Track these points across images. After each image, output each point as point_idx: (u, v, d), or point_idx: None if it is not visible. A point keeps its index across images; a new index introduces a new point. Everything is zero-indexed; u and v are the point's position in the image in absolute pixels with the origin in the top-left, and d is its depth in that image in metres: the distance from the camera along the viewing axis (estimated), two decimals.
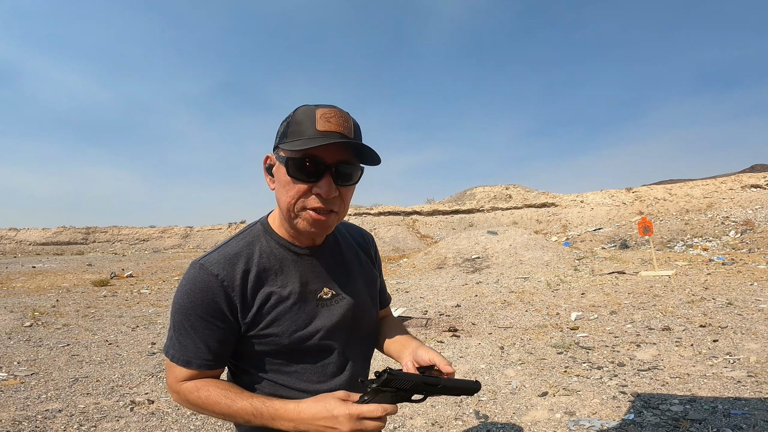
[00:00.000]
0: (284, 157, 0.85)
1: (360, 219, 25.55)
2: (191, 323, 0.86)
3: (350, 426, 0.75)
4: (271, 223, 0.96)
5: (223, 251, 0.90)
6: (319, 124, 0.83)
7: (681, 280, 7.80)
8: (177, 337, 0.88)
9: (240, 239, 0.94)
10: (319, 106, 0.85)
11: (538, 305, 6.64)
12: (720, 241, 14.99)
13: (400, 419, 3.01)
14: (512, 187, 31.64)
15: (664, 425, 2.69)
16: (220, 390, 0.86)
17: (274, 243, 0.94)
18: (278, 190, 0.89)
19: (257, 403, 0.82)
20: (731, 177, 23.14)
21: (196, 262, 0.88)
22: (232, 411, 0.83)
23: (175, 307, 0.87)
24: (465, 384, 0.88)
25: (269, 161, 0.92)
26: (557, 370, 3.79)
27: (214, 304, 0.85)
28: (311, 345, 0.91)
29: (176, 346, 0.88)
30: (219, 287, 0.85)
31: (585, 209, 24.74)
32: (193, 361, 0.87)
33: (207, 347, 0.87)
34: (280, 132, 0.88)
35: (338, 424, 0.75)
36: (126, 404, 3.33)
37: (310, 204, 0.86)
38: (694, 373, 3.53)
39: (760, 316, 5.01)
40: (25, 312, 7.03)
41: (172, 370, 0.89)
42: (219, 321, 0.86)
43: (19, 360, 4.46)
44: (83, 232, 34.67)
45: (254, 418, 0.82)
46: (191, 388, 0.87)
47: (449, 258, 12.40)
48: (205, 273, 0.86)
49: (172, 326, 0.89)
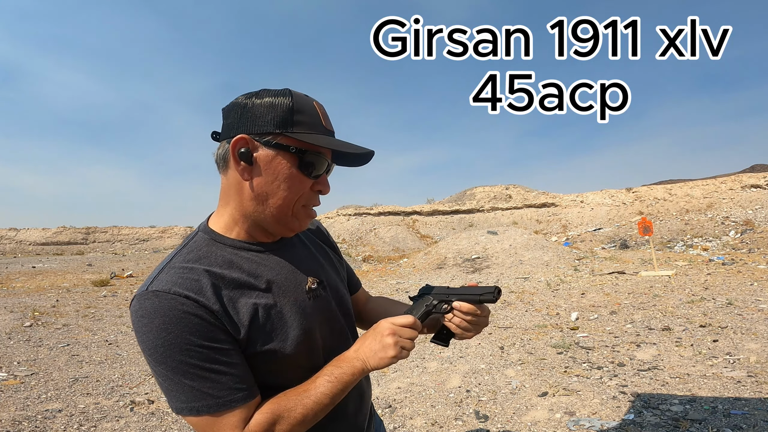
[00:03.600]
0: (299, 149, 0.76)
1: (360, 219, 25.53)
2: (198, 357, 0.67)
3: (390, 337, 0.78)
4: (216, 230, 0.81)
5: (173, 273, 0.71)
6: (323, 120, 0.80)
7: (681, 280, 7.80)
8: (189, 384, 0.67)
9: (186, 254, 0.76)
10: (309, 97, 0.81)
11: (538, 305, 6.64)
12: (720, 241, 14.99)
13: (400, 419, 3.01)
14: (512, 187, 31.64)
15: (664, 425, 2.69)
16: (285, 397, 0.74)
17: (229, 249, 0.79)
18: (270, 184, 0.76)
19: (324, 371, 0.79)
20: (731, 177, 23.13)
21: (144, 293, 0.69)
22: (315, 397, 0.74)
23: (159, 351, 0.66)
24: (484, 290, 0.89)
25: (246, 145, 0.75)
26: (557, 370, 3.79)
27: (201, 325, 0.68)
28: (315, 340, 0.84)
29: (197, 395, 0.67)
30: (197, 308, 0.68)
31: (585, 209, 24.74)
32: (233, 396, 0.69)
33: (240, 369, 0.71)
34: (275, 118, 0.75)
35: (383, 338, 0.78)
36: (126, 404, 3.33)
37: (312, 201, 0.83)
38: (694, 373, 3.53)
39: (760, 316, 5.01)
40: (25, 312, 7.03)
41: (221, 425, 0.68)
42: (220, 341, 0.70)
43: (19, 360, 4.46)
44: (83, 232, 34.66)
45: (333, 385, 0.76)
46: (269, 420, 0.71)
47: (449, 258, 12.40)
48: (169, 298, 0.67)
49: (173, 374, 0.67)
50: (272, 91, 0.78)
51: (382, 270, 13.13)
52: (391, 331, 0.79)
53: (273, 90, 0.78)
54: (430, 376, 3.83)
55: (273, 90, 0.78)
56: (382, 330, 0.80)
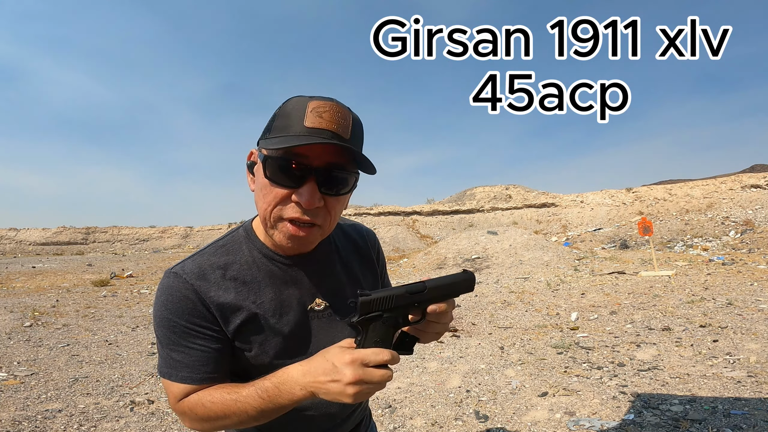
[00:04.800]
0: (262, 156, 0.75)
1: (360, 219, 25.55)
2: (178, 334, 0.78)
3: (353, 374, 0.64)
4: (255, 229, 0.87)
5: (198, 260, 0.82)
6: (308, 119, 0.70)
7: (681, 280, 7.80)
8: (168, 353, 0.79)
9: (218, 246, 0.85)
10: (313, 98, 0.73)
11: (538, 305, 6.64)
12: (720, 241, 14.99)
13: (400, 419, 3.01)
14: (512, 188, 31.65)
15: (664, 425, 2.69)
16: (220, 390, 0.78)
17: (256, 252, 0.84)
18: (256, 193, 0.79)
19: (261, 384, 0.73)
20: (731, 177, 23.15)
21: (169, 271, 0.81)
22: (240, 404, 0.73)
23: (157, 321, 0.79)
24: (455, 278, 0.74)
25: (252, 157, 0.81)
26: (557, 370, 3.79)
27: (196, 311, 0.78)
28: (296, 356, 0.82)
29: (170, 363, 0.79)
30: (195, 296, 0.78)
31: (585, 209, 24.75)
32: (192, 375, 0.79)
33: (202, 357, 0.79)
34: (266, 126, 0.78)
35: (340, 375, 0.65)
36: (126, 404, 3.33)
37: (288, 214, 0.75)
38: (694, 373, 3.53)
39: (760, 316, 5.01)
40: (25, 312, 7.03)
41: (171, 390, 0.80)
42: (206, 328, 0.79)
43: (19, 360, 4.46)
44: (83, 232, 34.67)
45: (264, 402, 0.72)
46: (194, 401, 0.78)
47: (449, 258, 12.41)
48: (179, 281, 0.79)
49: (159, 343, 0.81)
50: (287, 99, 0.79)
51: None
52: (354, 377, 0.64)
53: None
54: (430, 376, 3.83)
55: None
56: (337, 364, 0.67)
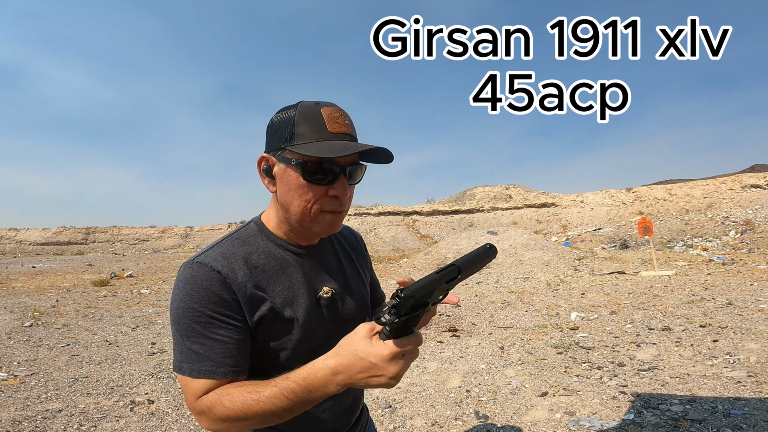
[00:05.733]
0: (298, 161, 0.81)
1: (360, 219, 25.54)
2: (202, 324, 0.77)
3: (395, 369, 0.65)
4: (266, 223, 0.93)
5: (219, 250, 0.84)
6: (329, 126, 0.81)
7: (681, 280, 7.80)
8: (188, 346, 0.78)
9: (234, 238, 0.89)
10: (320, 104, 0.83)
11: (538, 305, 6.64)
12: (720, 241, 15.00)
13: (400, 419, 3.01)
14: (512, 187, 31.66)
15: (664, 425, 2.69)
16: (239, 389, 0.76)
17: (271, 244, 0.90)
18: (286, 194, 0.85)
19: (283, 383, 0.71)
20: (731, 177, 23.14)
21: (191, 261, 0.82)
22: (263, 404, 0.72)
23: (178, 312, 0.79)
24: (479, 252, 0.74)
25: (267, 163, 0.87)
26: (557, 370, 3.79)
27: (222, 300, 0.78)
28: (316, 344, 0.88)
29: (190, 357, 0.78)
30: (223, 283, 0.79)
31: (585, 209, 24.74)
32: (215, 369, 0.77)
33: (225, 349, 0.78)
34: (284, 133, 0.83)
35: (382, 371, 0.66)
36: (126, 404, 3.33)
37: (327, 206, 0.85)
38: (694, 373, 3.53)
39: (760, 316, 5.01)
40: (25, 312, 7.03)
41: (190, 387, 0.78)
42: (232, 318, 0.79)
43: (19, 360, 4.46)
44: (83, 232, 34.68)
45: (291, 402, 0.71)
46: (214, 400, 0.76)
47: (449, 258, 12.40)
48: (205, 269, 0.79)
49: (179, 336, 0.79)
50: (287, 106, 0.86)
51: (382, 270, 13.13)
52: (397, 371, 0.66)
53: (288, 105, 0.86)
54: (430, 376, 3.83)
55: (288, 105, 0.86)
56: (375, 361, 0.66)
